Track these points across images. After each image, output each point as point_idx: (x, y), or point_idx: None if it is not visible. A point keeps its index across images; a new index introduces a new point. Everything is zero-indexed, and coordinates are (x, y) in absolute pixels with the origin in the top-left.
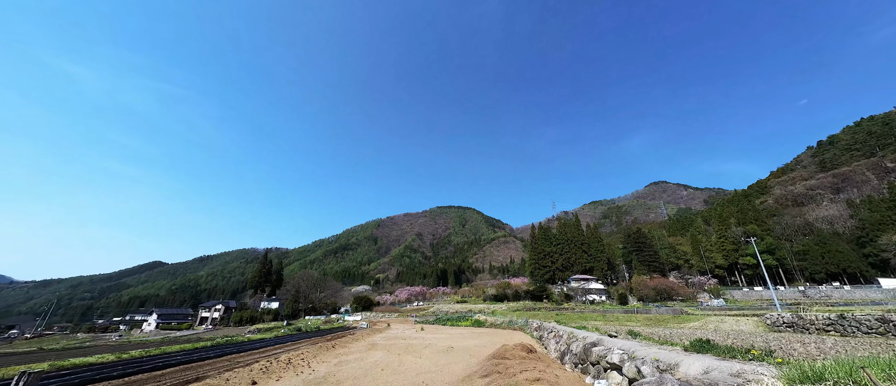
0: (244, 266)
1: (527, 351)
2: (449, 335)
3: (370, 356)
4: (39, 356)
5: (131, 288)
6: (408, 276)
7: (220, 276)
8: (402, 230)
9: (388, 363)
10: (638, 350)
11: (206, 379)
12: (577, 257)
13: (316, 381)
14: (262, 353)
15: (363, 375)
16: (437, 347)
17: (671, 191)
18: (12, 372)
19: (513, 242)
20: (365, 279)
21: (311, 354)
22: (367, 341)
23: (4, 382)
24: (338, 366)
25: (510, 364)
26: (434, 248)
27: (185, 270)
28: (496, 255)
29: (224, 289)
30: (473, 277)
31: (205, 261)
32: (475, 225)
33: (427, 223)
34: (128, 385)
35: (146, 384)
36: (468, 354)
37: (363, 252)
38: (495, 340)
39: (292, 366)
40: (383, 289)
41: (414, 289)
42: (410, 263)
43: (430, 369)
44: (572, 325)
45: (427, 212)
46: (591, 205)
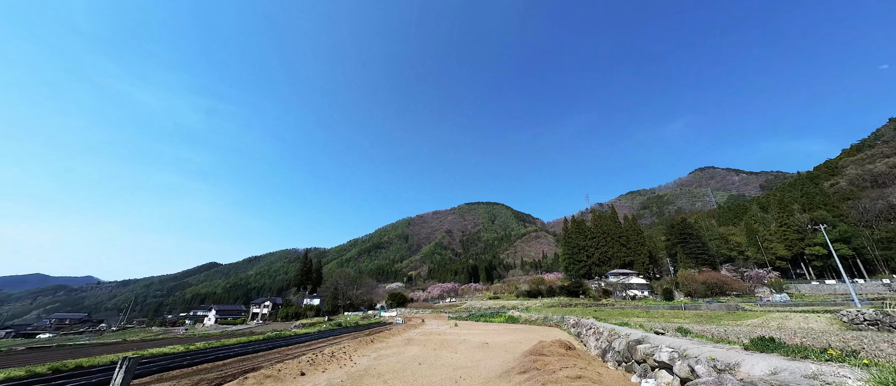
0: (287, 265)
1: (565, 348)
2: (483, 331)
3: (407, 351)
4: (124, 347)
5: (193, 287)
6: (439, 273)
7: (266, 275)
8: (432, 228)
9: (424, 358)
10: (690, 348)
11: (261, 369)
12: (614, 251)
13: (357, 373)
14: (307, 346)
15: (401, 369)
16: (471, 343)
17: (720, 177)
18: (106, 359)
19: (544, 236)
20: (398, 277)
21: (352, 348)
22: (403, 336)
23: (111, 365)
24: (377, 359)
25: (549, 361)
26: (464, 244)
27: (237, 270)
28: (527, 250)
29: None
30: (505, 273)
31: (253, 261)
32: (504, 220)
33: (456, 220)
34: (196, 373)
35: (210, 373)
36: (504, 350)
37: (395, 250)
38: (531, 337)
39: (335, 359)
40: (416, 286)
41: (446, 285)
42: (441, 259)
43: (466, 364)
44: (613, 321)
45: (455, 209)
46: (628, 195)
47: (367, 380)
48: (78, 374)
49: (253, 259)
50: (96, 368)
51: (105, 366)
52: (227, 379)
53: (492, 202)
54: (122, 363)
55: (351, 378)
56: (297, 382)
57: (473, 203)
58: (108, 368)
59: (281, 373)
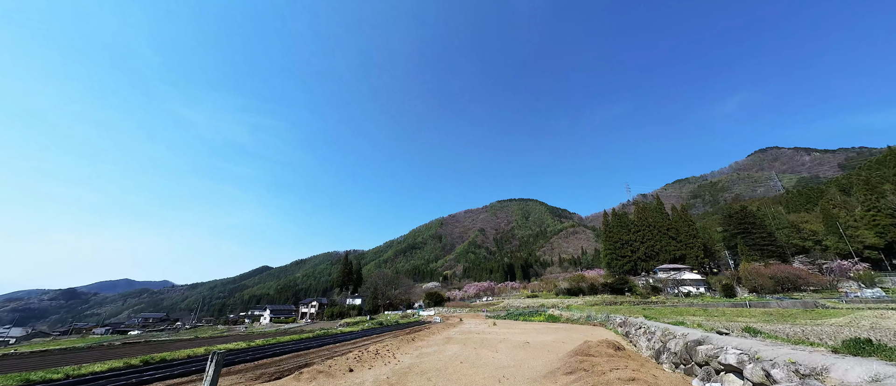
0: (330, 267)
1: (614, 348)
2: (523, 330)
3: (448, 349)
4: (197, 342)
5: (249, 288)
6: (474, 271)
7: (312, 276)
8: (465, 227)
9: (465, 356)
10: (762, 350)
11: (314, 365)
12: (662, 244)
13: (401, 371)
14: (353, 344)
15: (443, 367)
16: (512, 342)
17: (786, 158)
18: (184, 354)
19: (582, 231)
20: (433, 276)
21: (395, 345)
22: (442, 335)
23: (187, 359)
24: (419, 357)
25: (597, 361)
26: (498, 242)
27: (286, 273)
28: (565, 246)
29: (316, 288)
30: (542, 271)
31: (299, 264)
32: (539, 217)
33: (488, 218)
34: (257, 367)
35: (269, 368)
36: (546, 349)
37: (429, 250)
38: (574, 336)
39: (380, 356)
40: (451, 285)
41: (482, 284)
42: (475, 258)
43: (508, 364)
44: (665, 320)
45: (487, 207)
46: (675, 184)
47: (411, 377)
48: (163, 366)
49: (299, 262)
50: (177, 362)
51: (183, 359)
52: (284, 374)
53: (525, 199)
54: (212, 357)
55: (396, 375)
56: (346, 377)
57: (505, 200)
58: (186, 361)
59: (331, 369)
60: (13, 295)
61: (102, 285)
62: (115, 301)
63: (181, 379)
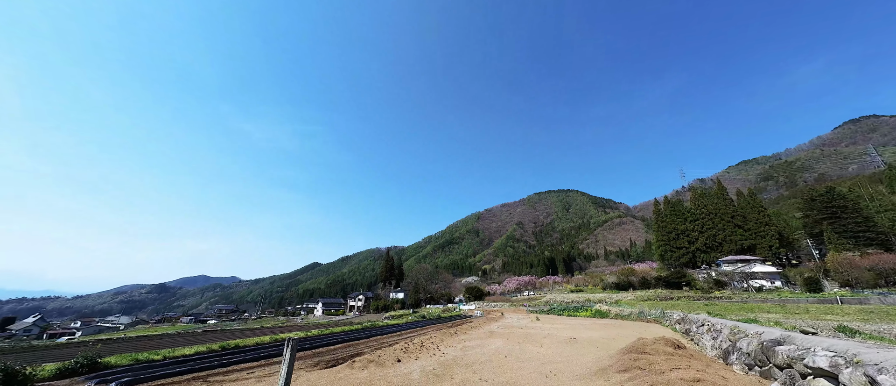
0: (373, 263)
1: (673, 346)
2: (568, 326)
3: (491, 343)
4: (263, 331)
5: (303, 283)
6: (513, 266)
7: (357, 272)
8: (502, 221)
9: (509, 351)
10: (863, 352)
11: (364, 355)
12: (726, 234)
13: (446, 363)
14: (399, 336)
15: (488, 361)
16: (557, 338)
17: (887, 128)
18: (253, 341)
19: (630, 222)
20: (472, 271)
21: (439, 338)
22: (484, 329)
23: (257, 346)
24: (463, 350)
25: (654, 360)
26: (537, 236)
27: (333, 269)
28: (611, 238)
29: (361, 282)
30: (586, 264)
31: (345, 260)
32: (581, 208)
33: (526, 212)
34: (315, 355)
35: (325, 356)
36: (595, 346)
37: (467, 245)
38: (625, 333)
39: (425, 348)
40: (491, 279)
41: (522, 278)
42: (514, 252)
43: (554, 359)
44: (733, 317)
45: (525, 200)
46: (740, 167)
47: (456, 369)
48: (237, 351)
49: (345, 258)
50: (248, 348)
51: (253, 346)
52: (339, 362)
53: (564, 190)
54: (288, 343)
55: (441, 367)
56: (395, 367)
57: (544, 192)
58: (256, 347)
59: (381, 358)
60: (121, 289)
61: (184, 281)
62: (195, 295)
63: (252, 363)
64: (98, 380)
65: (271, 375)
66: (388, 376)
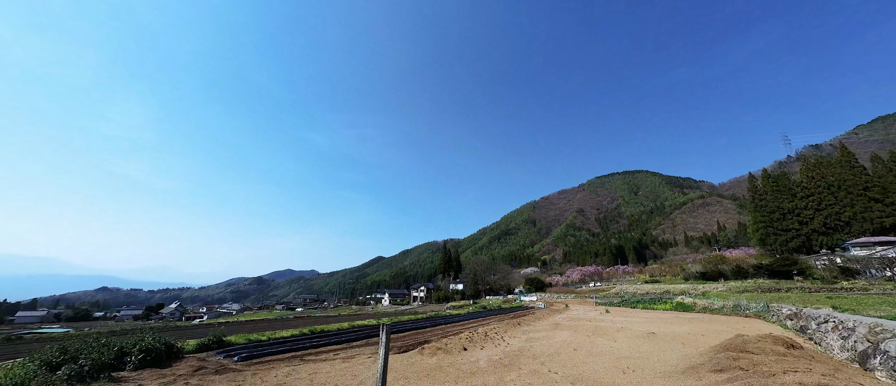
0: (431, 256)
1: (785, 345)
2: (645, 319)
3: (557, 335)
4: (341, 318)
5: (370, 275)
6: (575, 255)
7: (417, 264)
8: (559, 209)
9: (578, 344)
10: None
11: (432, 342)
12: (858, 210)
13: (513, 353)
14: (462, 325)
15: (555, 353)
16: (632, 332)
17: None
18: (335, 326)
19: (716, 202)
20: (530, 261)
21: (502, 329)
22: (549, 321)
23: (338, 331)
24: (528, 342)
25: (760, 360)
26: (601, 223)
27: (396, 262)
28: (692, 222)
29: (422, 274)
30: (662, 252)
31: (406, 253)
32: (652, 190)
33: (587, 198)
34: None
35: (396, 342)
36: (679, 341)
37: (523, 235)
38: (717, 328)
39: (490, 338)
40: (551, 270)
41: (586, 268)
42: (575, 241)
43: (631, 355)
44: (871, 312)
45: (585, 185)
46: (874, 124)
47: (523, 360)
48: (322, 335)
49: (405, 252)
50: (331, 333)
51: (335, 331)
52: (409, 348)
53: (630, 171)
54: (383, 327)
55: (508, 357)
56: (462, 355)
57: (605, 176)
58: (337, 332)
59: (447, 346)
60: (230, 281)
61: (275, 274)
62: (284, 286)
63: (336, 346)
64: (225, 354)
65: (354, 356)
66: (457, 363)
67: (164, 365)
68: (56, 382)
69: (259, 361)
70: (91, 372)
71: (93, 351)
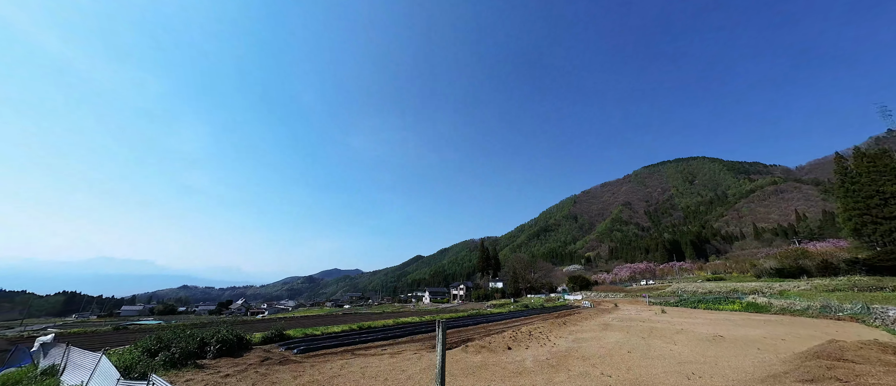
0: (469, 254)
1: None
2: (708, 320)
3: (607, 336)
4: (386, 315)
5: (410, 274)
6: (623, 251)
7: (456, 263)
8: (603, 203)
9: (633, 346)
10: None
11: (475, 340)
12: None
13: (560, 353)
14: (504, 324)
15: (607, 355)
16: (694, 334)
17: None
18: (380, 323)
19: (794, 188)
20: (573, 259)
21: (547, 328)
22: (597, 321)
23: (383, 327)
24: (576, 342)
25: (864, 371)
26: (651, 216)
27: (434, 260)
28: (762, 212)
29: (460, 273)
30: (726, 247)
31: (444, 252)
32: (711, 177)
33: (634, 189)
34: (431, 338)
35: None
36: (753, 346)
37: (564, 231)
38: (801, 332)
39: (534, 338)
40: (597, 267)
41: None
42: (622, 237)
43: (694, 359)
44: None
45: (631, 176)
46: None
47: (572, 361)
48: (370, 331)
49: (443, 250)
50: (377, 329)
51: (380, 327)
52: (452, 345)
53: (684, 158)
54: (439, 323)
55: (555, 357)
56: (507, 354)
57: (654, 165)
58: (383, 328)
59: (491, 345)
60: (285, 280)
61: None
62: (332, 284)
63: (383, 342)
64: (286, 346)
65: (400, 352)
66: (502, 363)
67: (237, 355)
68: (155, 366)
69: (315, 353)
70: (180, 359)
71: (181, 341)
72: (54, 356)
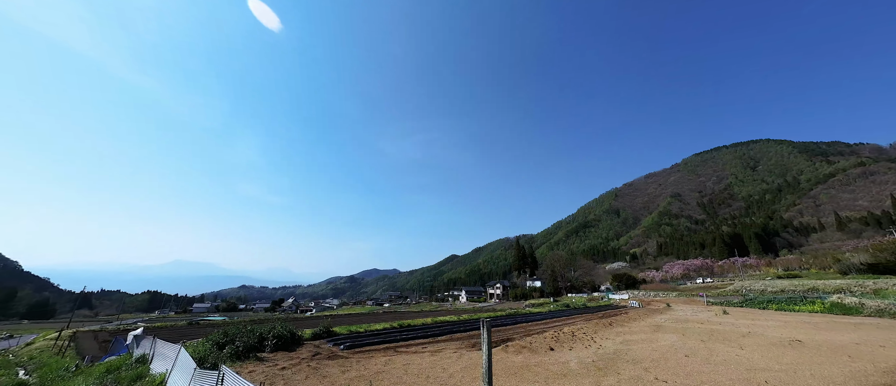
0: (505, 253)
1: None
2: (782, 323)
3: (660, 339)
4: (424, 314)
5: (446, 273)
6: (674, 247)
7: (491, 262)
8: (648, 195)
9: (691, 350)
10: None
11: (515, 340)
12: None
13: (608, 356)
14: (544, 324)
15: (661, 359)
16: (766, 338)
17: None
18: (419, 322)
19: (886, 170)
20: (616, 255)
21: (591, 329)
22: (647, 322)
23: (422, 326)
24: (624, 344)
25: None
26: (705, 208)
27: (469, 260)
28: (846, 199)
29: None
30: (801, 240)
31: (479, 251)
32: (779, 162)
33: (684, 179)
34: (469, 337)
35: (478, 338)
36: (843, 354)
37: (605, 227)
38: None
39: (578, 339)
40: (644, 264)
41: (690, 262)
42: (672, 231)
43: (768, 367)
44: None
45: (679, 165)
46: None
47: (622, 365)
48: (410, 329)
49: (478, 249)
50: (417, 327)
51: (420, 326)
52: (493, 345)
53: (743, 142)
54: (483, 322)
55: (602, 360)
56: (550, 355)
57: (707, 152)
58: (422, 327)
59: (532, 345)
60: (329, 280)
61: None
62: (371, 284)
63: (422, 340)
64: (333, 342)
65: (440, 351)
66: (544, 363)
67: (291, 349)
68: (223, 357)
69: (360, 350)
70: (243, 352)
71: (244, 335)
72: (144, 347)
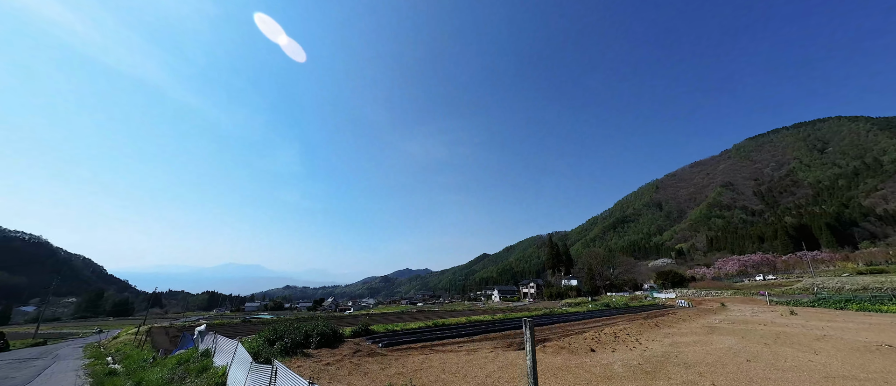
0: (537, 251)
1: None
2: (865, 325)
3: (715, 341)
4: (457, 313)
5: (477, 272)
6: (727, 241)
7: (523, 260)
8: (695, 185)
9: (752, 354)
10: None
11: (553, 341)
12: None
13: (655, 359)
14: (583, 324)
15: (718, 363)
16: (845, 342)
17: None
18: (454, 321)
19: None
20: (660, 252)
21: (635, 330)
22: (699, 323)
23: (456, 325)
24: (673, 347)
25: None
26: (764, 197)
27: (500, 258)
28: None
29: (528, 270)
30: (887, 230)
31: (510, 250)
32: (854, 142)
33: (735, 166)
34: (505, 337)
35: (515, 338)
36: None
37: (647, 221)
38: None
39: (620, 340)
40: (692, 261)
41: (747, 257)
42: (724, 224)
43: (851, 375)
44: None
45: (730, 151)
46: None
47: (672, 368)
48: (444, 328)
49: (509, 248)
50: (451, 326)
51: (454, 325)
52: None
53: (808, 122)
54: (526, 321)
55: (649, 363)
56: (590, 357)
57: (764, 134)
58: (456, 326)
59: (571, 346)
60: (365, 280)
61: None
62: (405, 283)
63: (457, 339)
64: (372, 340)
65: (476, 350)
66: (585, 365)
67: (333, 346)
68: (274, 352)
69: (397, 348)
70: (291, 348)
71: (291, 333)
72: (207, 342)
